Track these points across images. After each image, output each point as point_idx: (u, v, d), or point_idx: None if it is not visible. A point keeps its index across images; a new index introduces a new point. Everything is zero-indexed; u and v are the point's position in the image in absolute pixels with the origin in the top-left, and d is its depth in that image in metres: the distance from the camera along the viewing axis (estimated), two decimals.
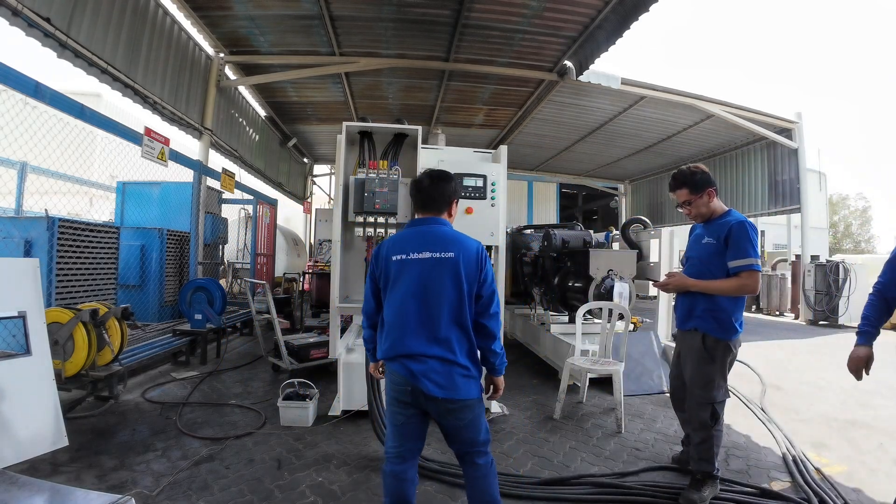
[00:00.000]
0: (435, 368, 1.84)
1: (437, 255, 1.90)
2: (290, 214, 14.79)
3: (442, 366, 1.85)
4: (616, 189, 16.86)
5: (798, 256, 11.25)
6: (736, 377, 5.12)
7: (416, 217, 2.08)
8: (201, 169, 6.46)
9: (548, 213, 16.72)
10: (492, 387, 2.05)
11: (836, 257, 10.96)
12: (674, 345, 5.00)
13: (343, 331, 4.44)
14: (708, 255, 2.55)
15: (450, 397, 1.84)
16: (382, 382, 3.17)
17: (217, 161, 7.89)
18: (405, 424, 1.94)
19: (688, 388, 2.60)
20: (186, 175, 6.34)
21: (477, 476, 1.93)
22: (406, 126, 3.62)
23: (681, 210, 2.68)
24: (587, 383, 4.34)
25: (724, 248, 2.46)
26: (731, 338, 2.50)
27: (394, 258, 1.94)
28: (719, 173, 12.10)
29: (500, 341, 1.97)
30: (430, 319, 1.87)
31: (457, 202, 2.13)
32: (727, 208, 2.64)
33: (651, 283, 2.71)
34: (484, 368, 2.01)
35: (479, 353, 1.96)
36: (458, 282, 1.88)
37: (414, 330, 1.87)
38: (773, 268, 12.67)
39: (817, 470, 2.95)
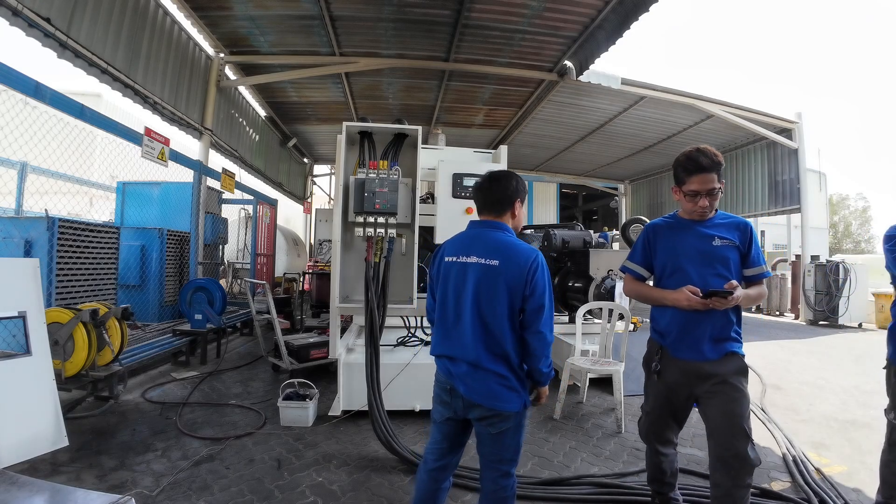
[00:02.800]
0: (469, 373, 1.82)
1: (483, 261, 1.85)
2: (290, 214, 14.79)
3: (476, 371, 1.81)
4: (616, 189, 16.86)
5: (798, 256, 11.26)
6: None
7: (477, 219, 2.03)
8: (201, 169, 6.46)
9: (548, 213, 16.71)
10: (535, 393, 1.99)
11: (836, 257, 10.97)
12: None
13: (343, 331, 4.44)
14: (727, 258, 2.06)
15: (484, 404, 1.80)
16: (383, 382, 3.19)
17: (217, 161, 7.90)
18: (445, 423, 1.93)
19: (725, 428, 1.99)
20: (186, 175, 6.34)
21: (491, 497, 1.87)
22: (406, 126, 3.62)
23: (692, 202, 2.07)
24: (587, 383, 4.35)
25: (745, 252, 2.09)
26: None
27: (447, 259, 1.96)
28: None
29: (545, 360, 1.86)
30: (467, 325, 1.84)
31: (519, 203, 1.99)
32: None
33: (713, 298, 1.96)
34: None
35: (524, 364, 1.88)
36: (499, 292, 1.81)
37: (452, 333, 1.89)
38: (774, 268, 12.67)
39: (817, 470, 2.95)
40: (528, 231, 7.21)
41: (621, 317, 4.07)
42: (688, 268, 2.09)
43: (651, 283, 2.26)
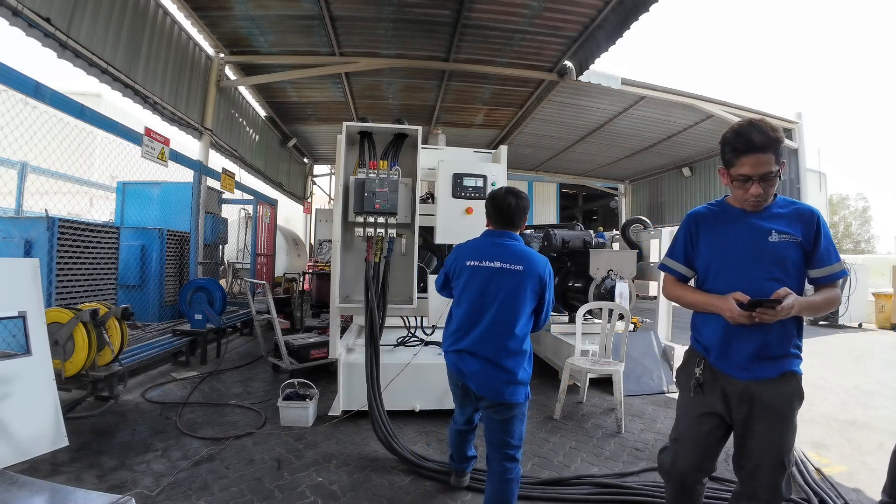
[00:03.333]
0: (482, 371, 2.06)
1: (509, 266, 2.11)
2: (290, 214, 14.78)
3: (489, 369, 2.05)
4: (616, 189, 16.86)
5: None
6: None
7: (491, 229, 2.30)
8: (201, 169, 6.45)
9: (548, 213, 16.69)
10: None
11: None
12: (675, 345, 5.05)
13: (343, 331, 4.44)
14: (786, 257, 1.67)
15: (490, 398, 2.06)
16: (383, 382, 3.19)
17: (217, 161, 7.90)
18: (464, 405, 2.32)
19: (764, 458, 1.69)
20: (186, 175, 6.34)
21: (498, 479, 2.08)
22: (406, 126, 3.62)
23: (743, 189, 1.69)
24: (587, 383, 4.35)
25: (810, 248, 1.68)
26: None
27: (468, 263, 2.20)
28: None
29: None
30: (488, 323, 2.08)
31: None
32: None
33: (758, 309, 1.58)
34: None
35: (529, 358, 2.14)
36: (521, 293, 2.08)
37: (471, 330, 2.11)
38: None
39: (817, 470, 2.95)
40: (528, 231, 7.22)
41: (621, 317, 4.07)
42: (735, 269, 1.71)
43: (693, 283, 1.90)
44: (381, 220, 3.37)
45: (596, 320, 4.95)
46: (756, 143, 1.62)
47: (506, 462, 2.07)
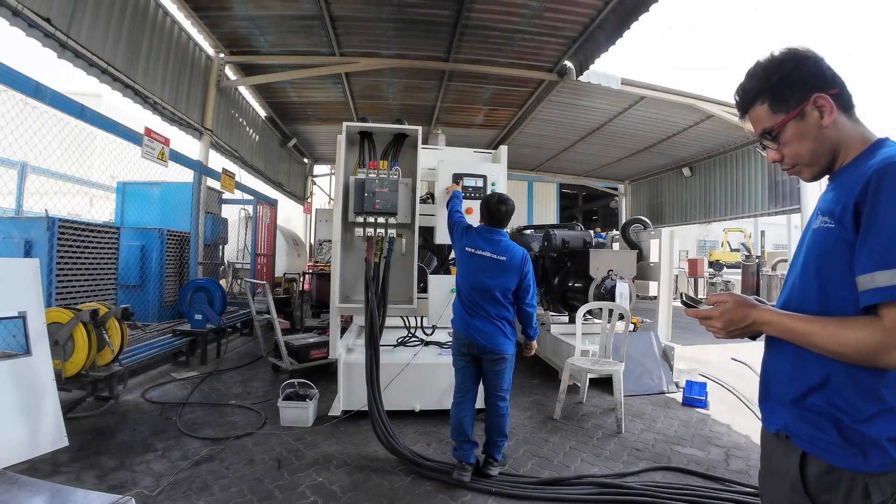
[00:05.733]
0: (487, 329, 2.74)
1: (495, 256, 2.79)
2: (290, 214, 14.78)
3: (490, 326, 2.75)
4: (616, 189, 16.85)
5: None
6: (736, 377, 5.13)
7: (486, 225, 2.90)
8: (201, 169, 6.45)
9: (548, 213, 16.69)
10: (528, 345, 3.00)
11: None
12: (675, 346, 5.05)
13: (343, 331, 4.44)
14: (817, 254, 1.06)
15: (492, 349, 2.73)
16: (383, 382, 3.19)
17: (217, 161, 7.90)
18: (464, 368, 2.85)
19: None
20: (186, 175, 6.33)
21: (494, 414, 2.81)
22: (406, 126, 3.63)
23: (764, 154, 1.20)
24: (587, 383, 4.35)
25: (850, 237, 0.97)
26: (872, 467, 0.94)
27: (467, 249, 2.86)
28: (719, 173, 12.08)
29: (534, 322, 2.91)
30: (484, 299, 2.77)
31: None
32: (876, 137, 1.08)
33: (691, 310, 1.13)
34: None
35: (517, 324, 2.90)
36: (505, 276, 2.76)
37: (475, 304, 2.78)
38: (774, 268, 12.66)
39: None
40: (529, 231, 7.22)
41: (621, 317, 4.07)
42: (791, 268, 1.20)
43: None
44: (381, 220, 3.37)
45: (596, 320, 4.95)
46: (736, 104, 1.20)
47: (499, 402, 2.80)
